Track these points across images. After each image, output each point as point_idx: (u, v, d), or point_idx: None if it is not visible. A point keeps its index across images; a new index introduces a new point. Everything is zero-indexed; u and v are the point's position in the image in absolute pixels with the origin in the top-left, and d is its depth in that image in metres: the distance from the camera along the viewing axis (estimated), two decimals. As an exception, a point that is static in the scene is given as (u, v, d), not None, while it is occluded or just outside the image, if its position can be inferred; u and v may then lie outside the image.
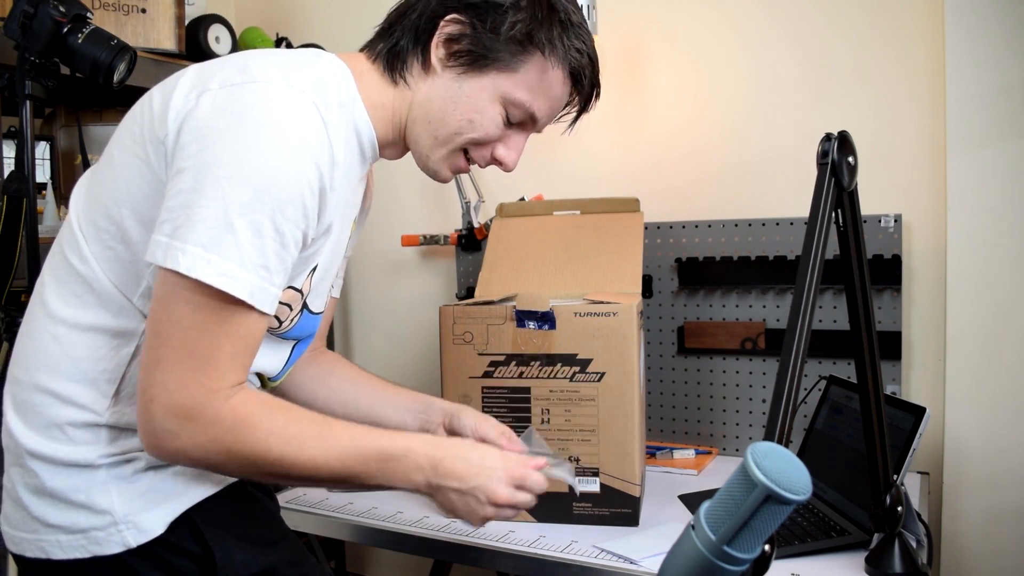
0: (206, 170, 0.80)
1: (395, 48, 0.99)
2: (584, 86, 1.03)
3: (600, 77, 1.06)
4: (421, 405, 1.16)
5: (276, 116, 0.82)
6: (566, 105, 1.06)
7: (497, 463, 0.94)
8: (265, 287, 0.83)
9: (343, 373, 1.20)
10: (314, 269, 0.95)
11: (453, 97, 0.97)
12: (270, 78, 0.85)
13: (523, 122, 1.02)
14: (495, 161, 1.03)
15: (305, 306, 0.99)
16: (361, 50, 1.03)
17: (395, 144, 1.03)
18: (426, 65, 0.98)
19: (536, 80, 0.99)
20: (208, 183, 0.79)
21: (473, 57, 0.96)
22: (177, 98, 0.85)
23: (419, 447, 0.91)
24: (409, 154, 1.07)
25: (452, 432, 1.12)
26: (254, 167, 0.80)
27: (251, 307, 0.82)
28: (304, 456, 0.85)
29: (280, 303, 0.92)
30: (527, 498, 0.95)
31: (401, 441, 0.91)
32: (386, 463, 0.89)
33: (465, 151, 1.02)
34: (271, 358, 1.01)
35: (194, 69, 0.90)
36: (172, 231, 0.80)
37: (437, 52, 0.97)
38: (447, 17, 0.96)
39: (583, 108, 1.07)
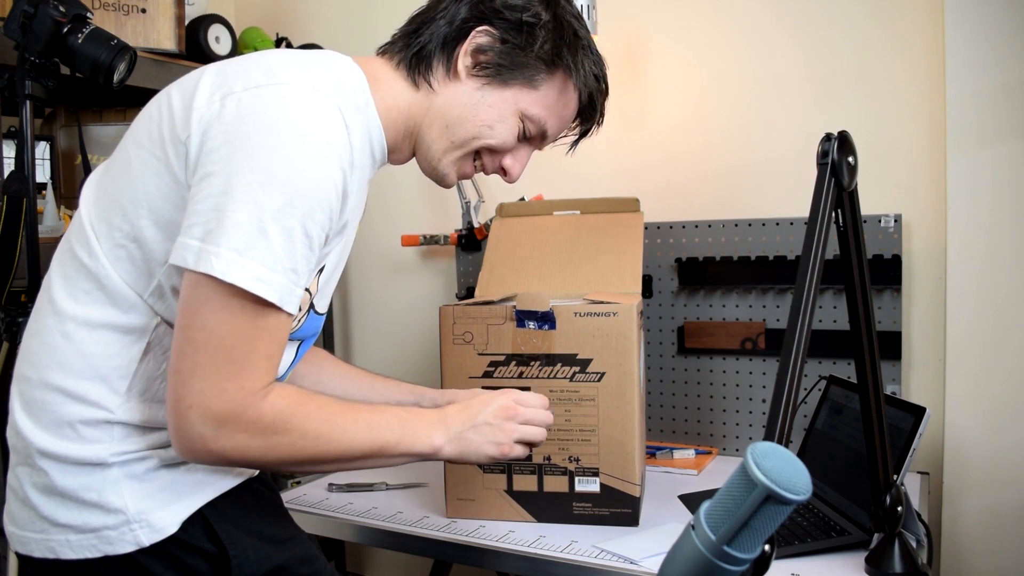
0: (236, 174, 0.80)
1: (421, 52, 1.00)
2: (595, 111, 1.07)
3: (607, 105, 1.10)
4: (413, 397, 1.20)
5: (304, 119, 0.83)
6: (575, 134, 1.11)
7: (489, 392, 1.05)
8: (293, 289, 0.84)
9: (331, 370, 1.22)
10: (322, 269, 0.96)
11: (475, 105, 1.00)
12: (295, 80, 0.86)
13: (534, 137, 1.05)
14: (501, 170, 1.06)
15: (312, 307, 0.99)
16: (379, 53, 1.04)
17: (402, 148, 1.04)
18: (451, 71, 1.00)
19: (554, 99, 1.02)
20: (239, 187, 0.80)
21: (499, 70, 0.99)
22: (200, 100, 0.85)
23: (423, 409, 1.01)
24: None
25: None
26: (285, 172, 0.81)
27: (279, 308, 0.83)
28: (335, 435, 0.89)
29: None
30: (530, 412, 1.04)
31: (408, 407, 1.01)
32: (404, 425, 0.95)
33: (475, 157, 1.04)
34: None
35: (214, 69, 0.90)
36: (204, 235, 0.80)
37: (464, 60, 0.99)
38: (479, 28, 0.98)
39: (586, 132, 1.11)
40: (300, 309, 0.96)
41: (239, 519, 0.94)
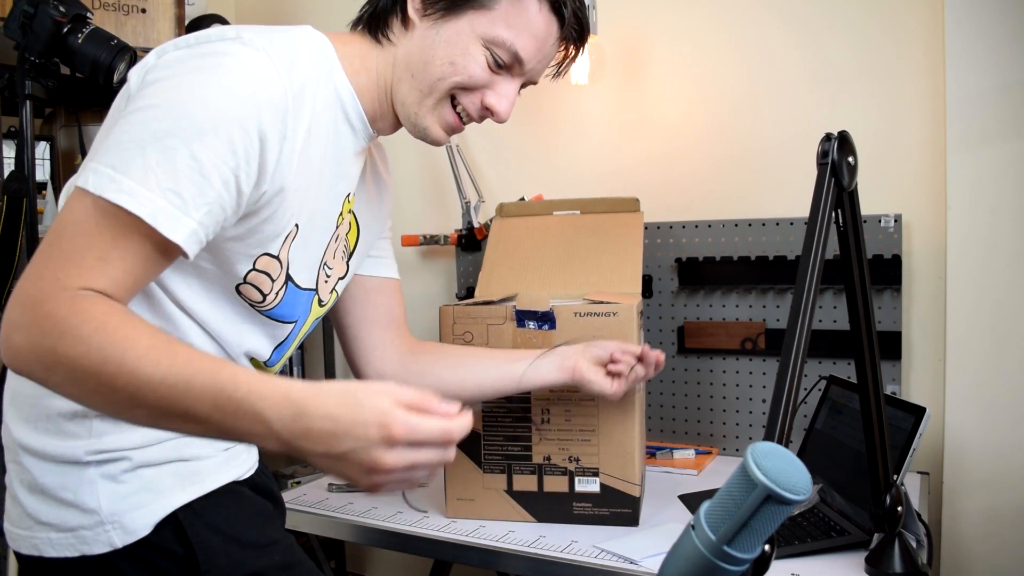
0: (137, 102, 0.81)
1: (375, 11, 1.01)
2: (563, 18, 1.00)
3: (587, 12, 1.04)
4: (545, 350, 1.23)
5: (217, 61, 0.83)
6: (564, 60, 1.06)
7: (371, 417, 0.70)
8: (175, 214, 0.78)
9: (443, 355, 1.26)
10: (292, 237, 0.94)
11: (432, 45, 0.97)
12: (222, 36, 0.86)
13: (510, 65, 1.00)
14: (486, 110, 1.01)
15: (290, 279, 0.97)
16: (349, 27, 1.05)
17: (385, 114, 1.03)
18: (405, 21, 0.99)
19: (513, 14, 0.97)
20: (134, 113, 0.80)
21: (448, 1, 0.97)
22: (139, 65, 0.88)
23: (272, 392, 0.71)
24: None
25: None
26: (180, 99, 0.80)
27: (153, 231, 0.77)
28: (126, 366, 0.71)
29: (259, 271, 0.93)
30: (429, 455, 0.72)
31: (245, 379, 0.72)
32: (223, 404, 0.71)
33: (453, 102, 1.00)
34: (261, 338, 1.00)
35: (167, 42, 0.91)
36: (94, 155, 0.80)
37: (413, 4, 0.98)
38: None
39: (574, 48, 1.05)
40: (272, 279, 0.94)
41: (216, 523, 0.93)
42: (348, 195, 1.05)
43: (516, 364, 1.23)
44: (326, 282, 1.08)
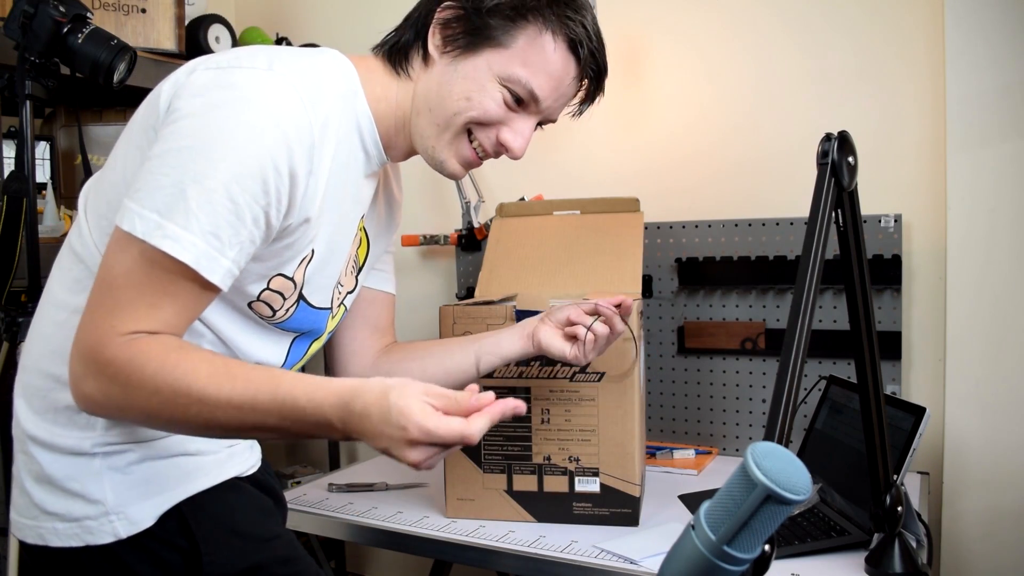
0: (172, 139, 0.82)
1: (397, 44, 1.02)
2: (583, 56, 1.00)
3: (606, 54, 1.04)
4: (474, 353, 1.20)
5: (247, 95, 0.84)
6: (580, 95, 1.06)
7: (395, 419, 0.76)
8: (214, 256, 0.82)
9: (411, 351, 1.24)
10: (308, 260, 0.96)
11: (449, 80, 0.98)
12: (253, 64, 0.87)
13: (526, 103, 1.00)
14: (501, 146, 1.02)
15: (302, 297, 0.99)
16: (372, 51, 1.05)
17: (400, 143, 1.04)
18: (426, 57, 1.00)
19: (530, 53, 0.98)
20: (171, 153, 0.82)
21: (467, 39, 0.98)
22: (170, 82, 0.89)
23: (327, 397, 0.79)
24: (414, 157, 1.07)
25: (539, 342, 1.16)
26: (215, 139, 0.81)
27: (196, 274, 0.81)
28: (194, 396, 0.78)
29: (272, 291, 0.94)
30: (450, 449, 0.79)
31: (303, 390, 0.79)
32: (288, 414, 0.79)
33: (470, 136, 1.01)
34: (272, 348, 1.01)
35: (196, 59, 0.92)
36: (135, 196, 0.82)
37: (434, 40, 0.99)
38: (442, 5, 0.99)
39: (591, 90, 1.05)
40: (284, 298, 0.96)
41: (219, 516, 0.95)
42: (362, 216, 1.07)
43: (478, 344, 1.21)
44: (337, 297, 1.09)
